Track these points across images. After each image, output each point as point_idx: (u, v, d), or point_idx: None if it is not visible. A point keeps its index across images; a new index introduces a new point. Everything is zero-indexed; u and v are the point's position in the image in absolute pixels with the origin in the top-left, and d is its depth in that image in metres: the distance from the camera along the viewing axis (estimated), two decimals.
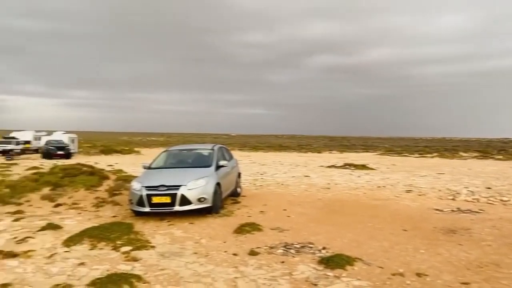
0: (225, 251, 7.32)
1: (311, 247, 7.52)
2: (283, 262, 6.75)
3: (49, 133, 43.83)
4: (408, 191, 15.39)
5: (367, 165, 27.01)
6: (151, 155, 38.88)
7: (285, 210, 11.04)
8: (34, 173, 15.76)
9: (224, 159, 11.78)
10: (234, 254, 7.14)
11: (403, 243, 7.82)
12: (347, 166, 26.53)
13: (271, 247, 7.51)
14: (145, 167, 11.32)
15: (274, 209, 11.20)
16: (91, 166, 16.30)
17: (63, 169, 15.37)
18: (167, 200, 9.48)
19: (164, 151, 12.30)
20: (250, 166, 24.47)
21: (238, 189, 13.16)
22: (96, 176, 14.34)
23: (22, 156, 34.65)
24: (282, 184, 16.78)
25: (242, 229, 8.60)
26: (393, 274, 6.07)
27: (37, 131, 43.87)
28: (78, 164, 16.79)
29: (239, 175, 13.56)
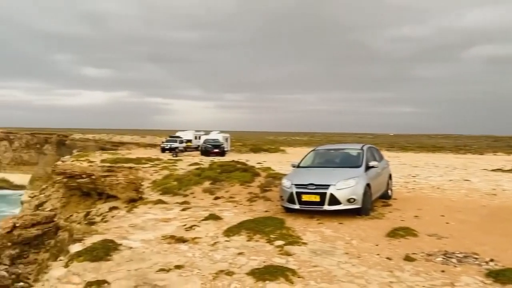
0: (378, 254, 7.09)
1: (476, 258, 6.80)
2: (443, 271, 6.24)
3: (207, 132, 48.45)
4: None
5: None
6: (295, 154, 39.89)
7: (442, 216, 10.17)
8: (197, 169, 17.64)
9: (374, 159, 11.40)
10: (388, 258, 6.87)
11: None
12: None
13: (429, 254, 7.01)
14: (293, 166, 11.65)
15: (429, 214, 10.42)
16: (244, 164, 17.53)
17: (220, 165, 16.86)
18: (316, 198, 9.60)
19: (312, 150, 12.48)
20: (400, 167, 23.19)
21: (389, 192, 12.61)
22: (249, 172, 15.34)
23: (184, 153, 38.99)
24: (437, 188, 15.50)
25: (395, 233, 8.22)
26: None
27: (196, 131, 48.97)
28: (233, 161, 18.22)
29: (390, 176, 12.98)
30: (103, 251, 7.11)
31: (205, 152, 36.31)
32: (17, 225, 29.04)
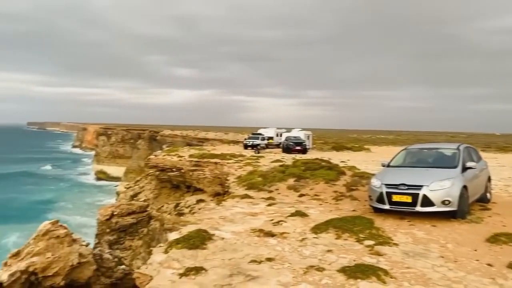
0: (477, 260, 6.69)
1: None
2: None
3: (288, 130, 48.69)
4: None
5: None
6: (381, 153, 38.55)
7: None
8: (280, 165, 17.86)
9: (472, 160, 10.69)
10: (489, 265, 6.46)
11: None
12: None
13: None
14: (383, 165, 11.32)
15: None
16: (328, 162, 17.39)
17: (304, 163, 16.90)
18: (408, 199, 9.27)
19: (404, 149, 12.03)
20: (499, 169, 21.36)
21: (488, 195, 11.74)
22: (334, 171, 15.21)
23: (266, 150, 39.58)
24: None
25: (496, 239, 7.67)
26: None
27: (278, 128, 49.43)
28: (317, 159, 18.15)
29: (489, 179, 12.07)
30: (199, 240, 7.57)
31: (287, 149, 36.51)
32: (115, 213, 31.70)
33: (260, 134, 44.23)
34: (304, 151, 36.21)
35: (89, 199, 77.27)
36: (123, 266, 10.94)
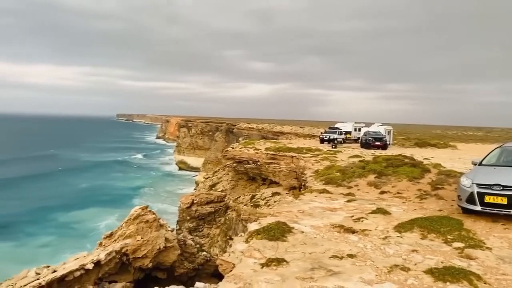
0: None
1: None
2: None
3: (367, 124, 47.23)
4: None
5: None
6: (469, 150, 35.95)
7: None
8: (360, 161, 17.41)
9: None
10: None
11: None
12: None
13: None
14: (474, 163, 10.56)
15: None
16: (412, 158, 16.62)
17: (386, 159, 16.31)
18: (503, 201, 8.56)
19: (498, 147, 11.11)
20: None
21: None
22: (418, 168, 14.51)
23: (343, 145, 38.79)
24: None
25: None
26: None
27: (356, 123, 48.15)
28: (400, 155, 17.42)
29: None
30: (279, 232, 7.66)
31: (366, 144, 35.43)
32: (194, 201, 33.13)
33: (337, 128, 43.36)
34: (384, 146, 34.92)
35: (170, 187, 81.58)
36: (204, 253, 11.42)
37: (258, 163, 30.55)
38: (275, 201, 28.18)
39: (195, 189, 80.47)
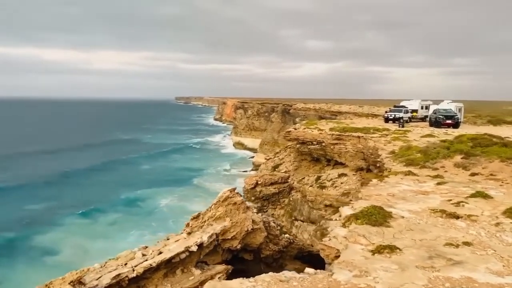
0: None
1: None
2: None
3: (435, 102, 44.79)
4: None
5: None
6: None
7: None
8: (442, 141, 16.49)
9: None
10: None
11: None
12: None
13: None
14: None
15: None
16: (500, 137, 15.48)
17: (471, 138, 15.31)
18: None
19: None
20: None
21: None
22: (510, 148, 13.46)
23: (410, 124, 37.11)
24: None
25: None
26: None
27: (423, 100, 45.76)
28: (486, 134, 16.30)
29: None
30: (380, 217, 7.34)
31: (436, 123, 33.64)
32: (259, 182, 33.36)
33: (403, 106, 41.55)
34: (456, 125, 33.03)
35: (227, 168, 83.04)
36: (286, 235, 11.37)
37: (323, 144, 29.99)
38: (342, 183, 27.72)
39: (252, 170, 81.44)
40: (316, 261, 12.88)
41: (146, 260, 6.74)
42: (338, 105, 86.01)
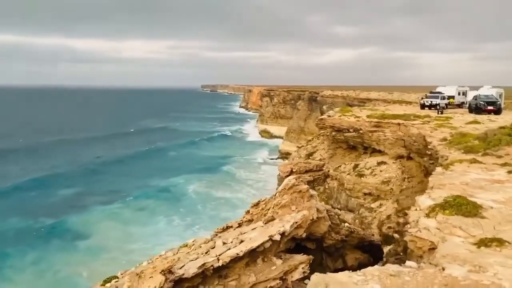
0: None
1: None
2: None
3: (472, 88, 43.34)
4: None
5: None
6: None
7: None
8: (501, 127, 15.79)
9: None
10: None
11: None
12: None
13: None
14: None
15: None
16: None
17: None
18: None
19: None
20: None
21: None
22: None
23: (448, 110, 35.98)
24: None
25: None
26: None
27: (460, 86, 44.29)
28: None
29: None
30: (472, 207, 6.92)
31: (477, 109, 32.53)
32: (293, 170, 33.03)
33: (439, 92, 40.31)
34: (498, 111, 31.93)
35: (253, 156, 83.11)
36: (346, 224, 11.05)
37: (360, 131, 29.36)
38: (381, 171, 27.13)
39: (278, 158, 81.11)
40: (376, 250, 12.59)
41: (229, 249, 6.56)
42: (367, 92, 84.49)
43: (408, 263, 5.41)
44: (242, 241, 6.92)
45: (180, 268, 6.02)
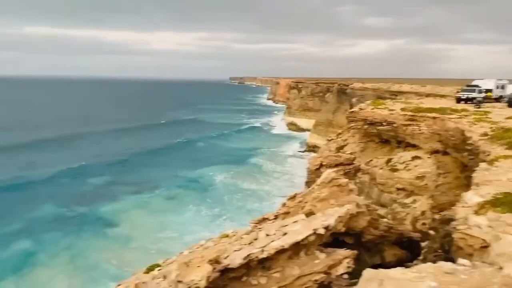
0: None
1: None
2: None
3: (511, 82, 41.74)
4: None
5: None
6: None
7: None
8: None
9: None
10: None
11: None
12: None
13: None
14: None
15: None
16: None
17: None
18: None
19: None
20: None
21: None
22: None
23: (486, 104, 34.80)
24: None
25: None
26: None
27: (499, 80, 42.71)
28: None
29: None
30: None
31: None
32: (323, 163, 32.74)
33: (476, 86, 39.03)
34: None
35: (280, 148, 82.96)
36: (385, 219, 10.88)
37: (394, 125, 28.76)
38: (415, 166, 26.54)
39: (305, 151, 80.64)
40: (414, 247, 12.34)
41: (273, 241, 6.55)
42: (399, 84, 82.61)
43: (460, 261, 5.25)
44: (285, 234, 6.90)
45: (226, 258, 6.06)
